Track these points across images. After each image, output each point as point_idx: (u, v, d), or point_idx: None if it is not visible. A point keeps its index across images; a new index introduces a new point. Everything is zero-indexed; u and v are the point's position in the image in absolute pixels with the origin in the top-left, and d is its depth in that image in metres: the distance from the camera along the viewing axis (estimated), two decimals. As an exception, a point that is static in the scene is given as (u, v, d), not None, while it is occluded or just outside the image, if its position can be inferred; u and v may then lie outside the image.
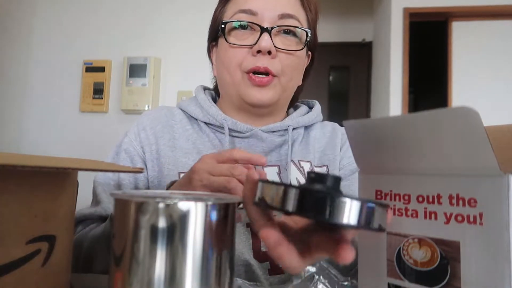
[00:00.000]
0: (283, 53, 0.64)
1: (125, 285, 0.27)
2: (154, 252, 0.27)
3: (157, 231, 0.27)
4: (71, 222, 0.36)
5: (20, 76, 2.24)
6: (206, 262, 0.28)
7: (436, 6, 2.73)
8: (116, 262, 0.28)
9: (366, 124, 0.33)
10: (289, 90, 0.68)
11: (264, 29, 0.62)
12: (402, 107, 2.71)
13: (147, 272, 0.27)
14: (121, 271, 0.28)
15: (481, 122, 0.25)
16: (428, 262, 0.30)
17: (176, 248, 0.27)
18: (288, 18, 0.64)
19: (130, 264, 0.27)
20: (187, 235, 0.28)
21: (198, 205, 0.28)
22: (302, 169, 0.67)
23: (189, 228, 0.28)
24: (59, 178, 0.34)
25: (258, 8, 0.63)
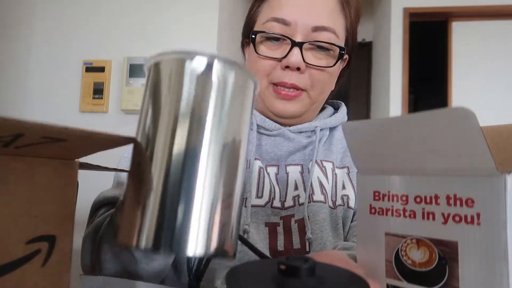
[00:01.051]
0: (313, 68, 0.61)
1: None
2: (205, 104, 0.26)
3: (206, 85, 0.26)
4: (71, 222, 0.36)
5: (20, 76, 2.24)
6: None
7: (436, 6, 2.72)
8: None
9: (363, 125, 0.33)
10: (319, 102, 0.67)
11: (295, 43, 0.59)
12: (402, 107, 2.71)
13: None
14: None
15: (478, 122, 0.26)
16: (426, 262, 0.30)
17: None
18: (323, 31, 0.60)
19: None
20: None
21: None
22: (324, 169, 0.67)
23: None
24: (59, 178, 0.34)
25: (292, 17, 0.60)
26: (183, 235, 0.25)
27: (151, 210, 0.25)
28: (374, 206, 0.34)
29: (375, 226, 0.33)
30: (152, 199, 0.26)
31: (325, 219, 0.64)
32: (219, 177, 0.27)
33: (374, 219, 0.34)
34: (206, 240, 0.25)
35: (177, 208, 0.25)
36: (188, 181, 0.25)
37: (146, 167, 0.27)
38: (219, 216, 0.26)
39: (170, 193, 0.25)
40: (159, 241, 0.25)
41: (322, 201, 0.64)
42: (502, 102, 2.69)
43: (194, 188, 0.25)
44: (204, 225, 0.25)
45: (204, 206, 0.26)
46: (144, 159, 0.27)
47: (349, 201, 0.65)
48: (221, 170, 0.27)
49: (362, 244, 0.35)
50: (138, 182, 0.27)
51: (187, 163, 0.26)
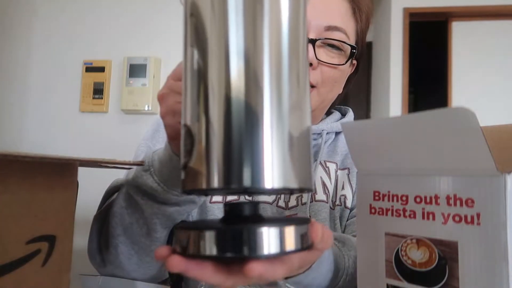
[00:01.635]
0: (325, 66, 0.62)
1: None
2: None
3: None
4: (71, 222, 0.36)
5: (20, 76, 2.24)
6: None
7: (436, 6, 2.72)
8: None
9: (363, 125, 0.33)
10: (328, 100, 0.68)
11: (308, 40, 0.60)
12: (402, 107, 2.71)
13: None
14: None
15: (478, 122, 0.26)
16: (426, 262, 0.30)
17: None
18: (335, 31, 0.62)
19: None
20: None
21: None
22: (328, 169, 0.68)
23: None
24: (59, 178, 0.34)
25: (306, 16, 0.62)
26: (255, 166, 0.23)
27: (216, 144, 0.24)
28: (374, 206, 0.34)
29: (375, 226, 0.33)
30: (216, 134, 0.24)
31: (326, 219, 0.65)
32: (286, 98, 0.25)
33: (374, 219, 0.34)
34: (283, 170, 0.24)
35: (245, 136, 0.24)
36: (253, 110, 0.24)
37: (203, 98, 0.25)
38: (293, 143, 0.25)
39: (235, 123, 0.24)
40: (230, 176, 0.23)
41: (324, 201, 0.65)
42: (502, 102, 2.68)
43: (260, 113, 0.24)
44: (278, 152, 0.24)
45: (274, 133, 0.24)
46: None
47: (346, 201, 0.67)
48: (288, 91, 0.25)
49: (362, 244, 0.35)
50: (194, 130, 0.26)
51: (249, 88, 0.24)
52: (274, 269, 0.26)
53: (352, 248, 0.53)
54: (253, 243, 0.24)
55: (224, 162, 0.24)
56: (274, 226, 0.25)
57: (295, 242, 0.25)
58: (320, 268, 0.46)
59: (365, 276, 0.34)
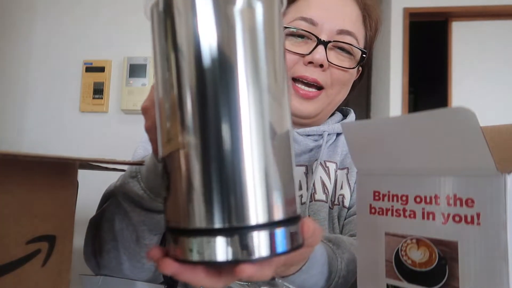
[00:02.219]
0: (335, 68, 0.63)
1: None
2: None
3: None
4: (71, 222, 0.36)
5: (20, 76, 2.24)
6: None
7: (436, 6, 2.72)
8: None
9: (363, 125, 0.33)
10: (334, 103, 0.69)
11: (320, 41, 0.61)
12: (402, 107, 2.71)
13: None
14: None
15: (478, 122, 0.26)
16: (426, 262, 0.30)
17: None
18: (347, 35, 0.63)
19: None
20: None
21: None
22: (327, 169, 0.68)
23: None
24: (59, 178, 0.34)
25: (319, 18, 0.62)
26: (238, 203, 0.23)
27: (196, 184, 0.23)
28: (374, 206, 0.34)
29: (375, 226, 0.33)
30: (194, 171, 0.23)
31: (325, 218, 0.65)
32: (265, 123, 0.24)
33: (374, 219, 0.34)
34: (267, 203, 0.23)
35: (225, 170, 0.22)
36: (231, 138, 0.23)
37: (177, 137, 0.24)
38: (276, 170, 0.24)
39: (213, 154, 0.23)
40: (213, 216, 0.23)
41: (324, 201, 0.65)
42: (502, 102, 2.68)
43: (240, 145, 0.23)
44: (260, 186, 0.23)
45: (255, 162, 0.23)
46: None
47: (344, 201, 0.67)
48: (265, 117, 0.23)
49: (362, 244, 0.35)
50: (173, 161, 0.24)
51: (224, 116, 0.23)
52: (263, 270, 0.26)
53: (346, 251, 0.53)
54: (244, 248, 0.23)
55: (205, 201, 0.23)
56: (264, 230, 0.24)
57: (286, 243, 0.25)
58: (312, 270, 0.46)
59: (365, 276, 0.34)
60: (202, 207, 0.23)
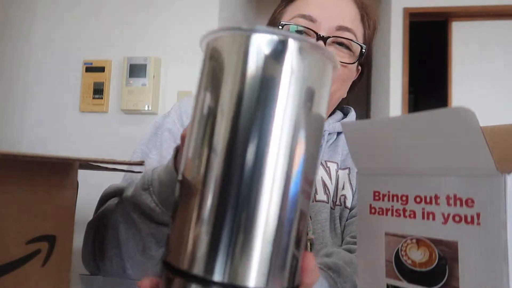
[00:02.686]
0: None
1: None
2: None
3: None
4: (71, 222, 0.36)
5: (20, 76, 2.24)
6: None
7: (436, 6, 2.72)
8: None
9: (363, 125, 0.33)
10: (334, 100, 0.68)
11: (319, 37, 0.61)
12: (402, 107, 2.71)
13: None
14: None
15: (478, 122, 0.26)
16: (426, 262, 0.30)
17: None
18: (346, 31, 0.63)
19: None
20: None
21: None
22: (328, 169, 0.68)
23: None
24: (59, 178, 0.34)
25: (318, 15, 0.63)
26: (244, 262, 0.22)
27: (204, 226, 0.22)
28: (374, 206, 0.34)
29: (375, 226, 0.33)
30: (206, 213, 0.22)
31: (327, 219, 0.65)
32: (285, 196, 0.23)
33: (374, 219, 0.34)
34: (272, 271, 0.22)
35: (236, 228, 0.22)
36: (250, 198, 0.22)
37: (199, 174, 0.23)
38: (286, 241, 0.23)
39: (230, 207, 0.22)
40: (213, 267, 0.22)
41: (325, 201, 0.65)
42: (502, 102, 2.68)
43: (257, 207, 0.22)
44: (271, 253, 0.22)
45: (270, 227, 0.22)
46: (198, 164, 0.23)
47: (346, 201, 0.67)
48: (294, 156, 0.23)
49: (362, 244, 0.35)
50: (189, 191, 0.24)
51: (250, 164, 0.22)
52: None
53: (348, 280, 0.51)
54: None
55: (209, 249, 0.22)
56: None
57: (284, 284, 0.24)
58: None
59: (365, 276, 0.34)
60: (206, 255, 0.22)
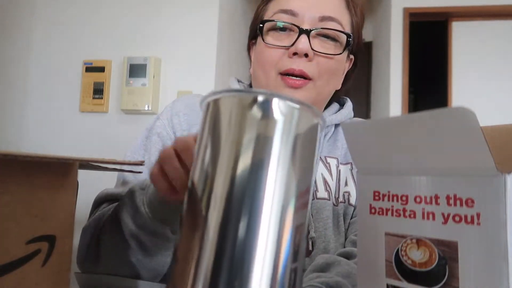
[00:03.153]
0: (321, 56, 0.62)
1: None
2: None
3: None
4: (71, 222, 0.36)
5: (20, 76, 2.24)
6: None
7: (436, 6, 2.72)
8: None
9: (363, 125, 0.33)
10: (325, 94, 0.67)
11: (302, 30, 0.60)
12: (402, 107, 2.71)
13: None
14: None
15: (478, 122, 0.26)
16: (426, 262, 0.30)
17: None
18: (329, 21, 0.62)
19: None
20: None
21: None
22: (328, 165, 0.66)
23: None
24: (59, 178, 0.34)
25: (299, 9, 0.61)
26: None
27: (205, 261, 0.23)
28: (374, 206, 0.34)
29: (375, 226, 0.33)
30: (207, 249, 0.24)
31: (329, 217, 0.63)
32: (282, 234, 0.25)
33: (374, 219, 0.34)
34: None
35: (236, 265, 0.23)
36: (248, 239, 0.23)
37: (200, 211, 0.25)
38: (284, 272, 0.24)
39: (228, 246, 0.23)
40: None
41: (326, 198, 0.64)
42: (502, 102, 2.69)
43: (255, 245, 0.24)
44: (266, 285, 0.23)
45: (266, 265, 0.24)
46: (199, 205, 0.25)
47: (350, 198, 0.65)
48: (285, 225, 0.25)
49: (362, 244, 0.35)
50: (192, 227, 0.25)
51: (247, 215, 0.24)
52: None
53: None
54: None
55: (210, 283, 0.23)
56: None
57: None
58: None
59: (365, 276, 0.34)
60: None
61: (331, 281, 0.52)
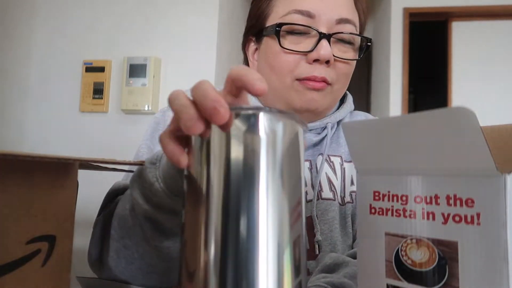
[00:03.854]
0: (340, 62, 0.60)
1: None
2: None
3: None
4: (71, 222, 0.36)
5: (20, 76, 2.24)
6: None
7: (436, 6, 2.72)
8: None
9: (363, 125, 0.33)
10: (339, 97, 0.66)
11: (323, 35, 0.57)
12: (402, 107, 2.71)
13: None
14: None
15: (478, 122, 0.26)
16: (426, 262, 0.30)
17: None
18: (346, 24, 0.59)
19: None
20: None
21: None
22: (332, 164, 0.65)
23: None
24: (59, 178, 0.34)
25: (316, 9, 0.58)
26: None
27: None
28: (374, 206, 0.34)
29: (375, 226, 0.33)
30: (211, 272, 0.25)
31: (335, 218, 0.62)
32: (283, 248, 0.26)
33: (374, 219, 0.34)
34: None
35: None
36: (249, 267, 0.25)
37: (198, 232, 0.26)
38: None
39: (229, 276, 0.25)
40: None
41: (331, 199, 0.62)
42: (502, 102, 2.69)
43: (256, 269, 0.25)
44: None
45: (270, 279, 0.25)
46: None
47: None
48: (283, 246, 0.26)
49: (362, 244, 0.35)
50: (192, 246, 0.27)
51: (245, 248, 0.25)
52: None
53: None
54: None
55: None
56: None
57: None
58: None
59: (365, 276, 0.34)
60: None
61: (337, 281, 0.52)
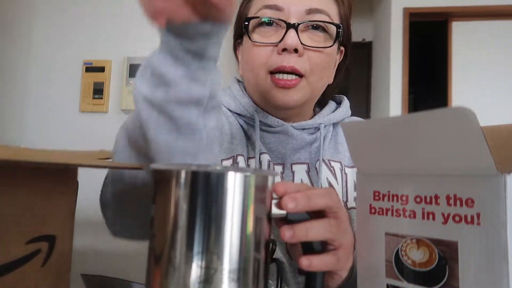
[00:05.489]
0: (311, 50, 0.59)
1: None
2: (193, 218, 0.28)
3: (196, 200, 0.29)
4: (71, 222, 0.36)
5: (20, 76, 2.24)
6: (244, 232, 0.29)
7: (436, 6, 2.72)
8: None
9: (363, 125, 0.33)
10: (319, 89, 0.65)
11: (290, 25, 0.57)
12: (402, 107, 2.71)
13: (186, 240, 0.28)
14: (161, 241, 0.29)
15: (478, 122, 0.26)
16: (426, 262, 0.30)
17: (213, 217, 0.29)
18: (317, 13, 0.59)
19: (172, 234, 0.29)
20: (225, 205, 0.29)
21: (237, 176, 0.29)
22: (333, 169, 0.65)
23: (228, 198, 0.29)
24: (59, 178, 0.34)
25: (284, 3, 0.59)
26: None
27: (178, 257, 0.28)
28: (374, 206, 0.34)
29: (375, 226, 0.33)
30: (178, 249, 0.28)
31: None
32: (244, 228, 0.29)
33: (374, 219, 0.34)
34: None
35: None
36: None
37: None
38: None
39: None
40: None
41: None
42: (502, 102, 2.69)
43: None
44: None
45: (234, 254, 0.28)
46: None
47: None
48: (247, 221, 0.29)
49: (362, 244, 0.35)
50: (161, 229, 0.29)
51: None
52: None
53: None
54: None
55: None
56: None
57: None
58: None
59: (365, 276, 0.34)
60: None
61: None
